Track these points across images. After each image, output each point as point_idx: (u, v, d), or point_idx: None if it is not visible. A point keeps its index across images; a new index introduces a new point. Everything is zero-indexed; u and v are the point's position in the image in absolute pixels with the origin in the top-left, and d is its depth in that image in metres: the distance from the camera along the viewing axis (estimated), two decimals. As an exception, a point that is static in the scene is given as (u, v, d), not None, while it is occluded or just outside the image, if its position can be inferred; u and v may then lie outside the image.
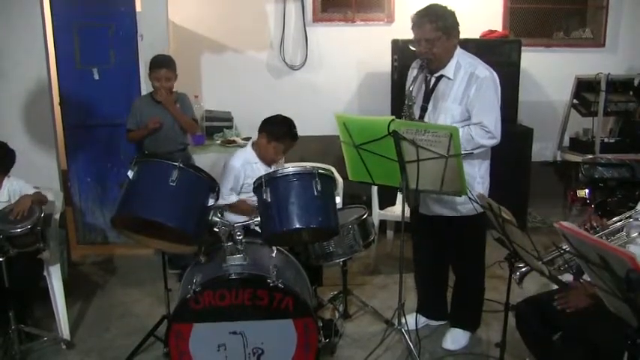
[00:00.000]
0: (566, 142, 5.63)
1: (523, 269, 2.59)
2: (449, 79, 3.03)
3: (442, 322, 3.53)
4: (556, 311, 2.47)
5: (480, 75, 2.97)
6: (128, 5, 4.56)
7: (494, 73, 3.03)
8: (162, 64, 3.94)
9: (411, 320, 3.25)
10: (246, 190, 3.42)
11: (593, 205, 4.18)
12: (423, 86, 3.12)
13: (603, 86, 5.10)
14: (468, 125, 2.98)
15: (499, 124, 3.00)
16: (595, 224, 2.56)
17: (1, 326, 3.28)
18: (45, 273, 3.46)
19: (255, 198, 2.90)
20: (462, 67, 3.02)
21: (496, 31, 5.33)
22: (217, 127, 5.20)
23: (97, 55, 4.62)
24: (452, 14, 3.01)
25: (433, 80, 3.09)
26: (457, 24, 3.02)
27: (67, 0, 4.59)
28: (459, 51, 3.07)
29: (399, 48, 4.89)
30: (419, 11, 3.01)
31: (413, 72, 3.17)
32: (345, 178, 3.34)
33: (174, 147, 4.03)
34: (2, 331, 3.25)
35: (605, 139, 5.23)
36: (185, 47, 5.17)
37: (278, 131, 3.41)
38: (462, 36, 3.08)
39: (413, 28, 3.02)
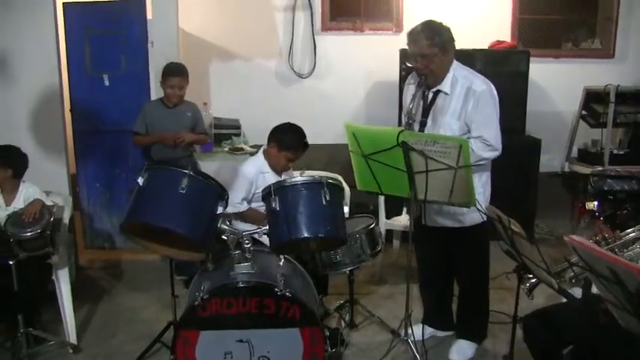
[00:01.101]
0: (574, 153, 5.62)
1: (533, 280, 2.58)
2: (446, 94, 3.05)
3: (449, 333, 3.52)
4: (565, 324, 2.45)
5: (477, 89, 2.99)
6: (139, 13, 4.60)
7: (491, 85, 3.04)
8: (176, 72, 3.98)
9: (417, 331, 3.23)
10: (255, 199, 3.43)
11: (602, 218, 4.15)
12: (422, 101, 3.13)
13: (612, 97, 5.07)
14: (468, 139, 2.99)
15: (499, 136, 3.02)
16: (606, 235, 2.54)
17: (9, 329, 3.31)
18: (53, 277, 3.48)
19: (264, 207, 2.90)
20: (458, 81, 3.03)
21: (504, 41, 5.33)
22: (225, 135, 5.23)
23: (108, 62, 4.66)
24: (447, 30, 3.02)
25: (431, 95, 3.10)
26: (453, 39, 3.04)
27: (79, 7, 4.64)
28: (455, 65, 3.08)
29: (407, 57, 4.89)
30: (415, 27, 3.04)
31: (409, 88, 3.20)
32: (352, 186, 3.34)
33: (181, 153, 4.06)
34: (10, 334, 3.27)
35: (615, 151, 5.20)
36: (194, 55, 5.20)
37: (289, 140, 3.42)
38: (471, 46, 3.09)
39: (409, 44, 3.05)
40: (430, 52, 2.96)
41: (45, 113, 4.56)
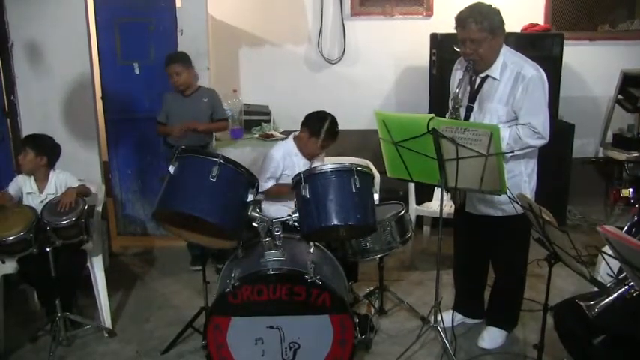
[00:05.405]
0: (609, 138, 5.49)
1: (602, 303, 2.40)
2: (494, 79, 2.98)
3: (478, 321, 3.51)
4: (597, 314, 2.42)
5: (526, 75, 2.91)
6: (168, 1, 4.61)
7: (542, 72, 2.95)
8: (173, 59, 4.10)
9: (446, 317, 3.24)
10: (283, 180, 3.46)
11: (638, 205, 4.07)
12: (468, 87, 3.07)
13: (651, 81, 4.94)
14: (516, 125, 2.94)
15: (547, 124, 2.94)
16: None
17: (49, 313, 3.42)
18: (88, 263, 3.56)
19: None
20: (507, 66, 2.96)
21: (537, 24, 5.22)
22: (255, 121, 5.24)
23: (138, 51, 4.69)
24: (497, 12, 2.93)
25: (478, 80, 3.04)
26: (502, 22, 2.94)
27: (110, -3, 4.69)
28: (504, 49, 3.00)
29: (438, 42, 4.85)
30: (463, 11, 2.94)
31: (457, 73, 3.14)
32: (382, 172, 3.33)
33: (197, 142, 4.09)
34: (50, 318, 3.38)
35: (651, 137, 5.08)
36: (224, 41, 5.22)
37: (319, 128, 3.43)
38: (503, 30, 3.03)
39: (457, 28, 2.96)
40: (480, 36, 2.89)
41: (77, 102, 4.62)
